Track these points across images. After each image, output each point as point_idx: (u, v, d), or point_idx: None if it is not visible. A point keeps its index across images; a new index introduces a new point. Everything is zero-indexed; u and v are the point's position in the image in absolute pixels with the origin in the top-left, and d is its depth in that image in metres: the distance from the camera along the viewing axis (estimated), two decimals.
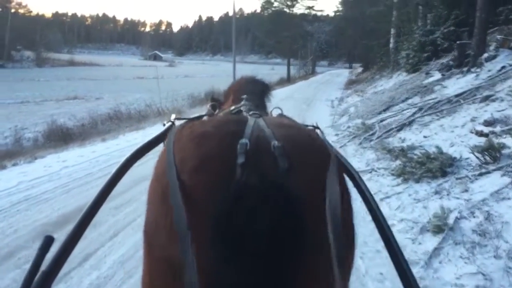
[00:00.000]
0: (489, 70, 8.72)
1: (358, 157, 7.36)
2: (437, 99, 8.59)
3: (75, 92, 29.27)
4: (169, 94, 22.57)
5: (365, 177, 5.95)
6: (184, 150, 0.89)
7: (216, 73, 55.08)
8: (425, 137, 6.73)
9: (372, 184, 5.49)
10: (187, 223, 0.74)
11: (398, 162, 5.93)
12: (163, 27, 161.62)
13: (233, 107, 1.68)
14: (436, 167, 4.83)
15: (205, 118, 1.73)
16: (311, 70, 53.69)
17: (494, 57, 9.06)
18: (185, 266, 0.70)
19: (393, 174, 5.48)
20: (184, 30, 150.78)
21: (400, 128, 7.95)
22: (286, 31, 40.45)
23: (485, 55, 9.23)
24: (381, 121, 9.46)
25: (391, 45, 23.17)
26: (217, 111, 2.14)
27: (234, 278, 0.72)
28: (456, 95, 8.17)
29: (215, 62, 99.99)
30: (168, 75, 52.61)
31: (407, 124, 7.95)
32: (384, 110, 10.60)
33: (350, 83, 33.15)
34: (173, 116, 1.66)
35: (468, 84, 8.74)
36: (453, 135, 6.16)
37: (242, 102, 1.68)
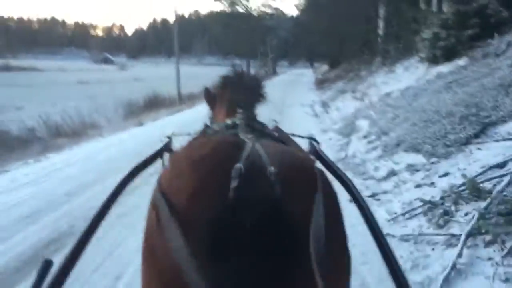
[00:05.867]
0: None
1: None
2: None
3: None
4: (101, 103, 18.21)
5: None
6: (181, 176, 0.89)
7: (169, 75, 49.05)
8: None
9: None
10: (187, 249, 0.74)
11: None
12: (116, 31, 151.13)
13: (229, 121, 1.52)
14: None
15: (200, 136, 1.62)
16: (271, 70, 47.73)
17: None
18: None
19: None
20: (138, 32, 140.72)
21: None
22: (245, 24, 34.36)
23: None
24: (504, 174, 3.39)
25: (380, 31, 17.37)
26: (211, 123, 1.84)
27: None
28: None
29: (171, 64, 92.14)
30: (116, 79, 46.73)
31: None
32: (477, 135, 4.55)
33: (320, 83, 27.88)
34: (170, 132, 1.69)
35: None
36: None
37: (238, 116, 1.53)
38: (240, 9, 37.61)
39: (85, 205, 4.44)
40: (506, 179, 3.31)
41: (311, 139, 1.59)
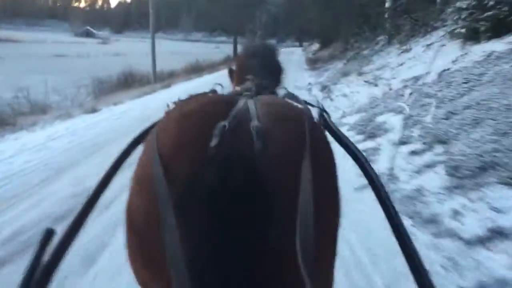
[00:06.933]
0: None
1: None
2: None
3: None
4: (68, 80, 16.60)
5: None
6: (167, 129, 0.85)
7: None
8: None
9: None
10: (167, 192, 0.71)
11: None
12: (100, 2, 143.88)
13: (238, 88, 1.48)
14: None
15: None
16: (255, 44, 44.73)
17: None
18: (166, 231, 0.68)
19: None
20: (122, 5, 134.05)
21: None
22: None
23: None
24: None
25: (387, 4, 14.91)
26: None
27: (211, 240, 0.69)
28: None
29: (156, 39, 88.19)
30: (97, 54, 44.12)
31: None
32: None
33: (312, 62, 25.71)
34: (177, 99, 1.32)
35: None
36: None
37: (247, 84, 1.47)
38: None
39: None
40: None
41: (321, 109, 1.41)
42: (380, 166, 4.46)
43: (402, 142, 4.81)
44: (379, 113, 6.24)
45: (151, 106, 8.19)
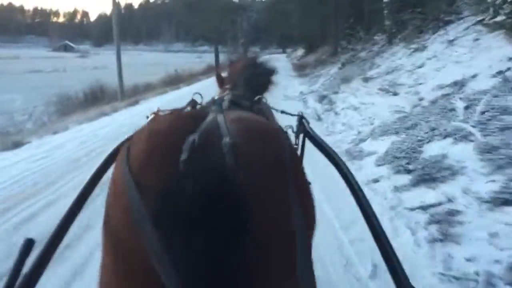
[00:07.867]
0: None
1: None
2: None
3: None
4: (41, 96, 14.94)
5: None
6: (137, 146, 0.82)
7: (132, 63, 44.60)
8: None
9: None
10: (142, 208, 0.70)
11: None
12: (79, 17, 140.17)
13: (216, 97, 1.46)
14: None
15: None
16: (243, 55, 42.78)
17: None
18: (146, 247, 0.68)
19: None
20: (102, 18, 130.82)
21: None
22: (212, 3, 29.56)
23: None
24: None
25: None
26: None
27: (175, 266, 0.66)
28: None
29: (137, 52, 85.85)
30: (74, 68, 42.32)
31: None
32: None
33: (299, 68, 23.86)
34: (156, 110, 1.27)
35: None
36: None
37: (226, 93, 1.47)
38: None
39: None
40: None
41: (301, 116, 1.46)
42: (477, 255, 2.32)
43: (503, 201, 2.68)
44: (426, 139, 4.11)
45: (100, 134, 5.99)
